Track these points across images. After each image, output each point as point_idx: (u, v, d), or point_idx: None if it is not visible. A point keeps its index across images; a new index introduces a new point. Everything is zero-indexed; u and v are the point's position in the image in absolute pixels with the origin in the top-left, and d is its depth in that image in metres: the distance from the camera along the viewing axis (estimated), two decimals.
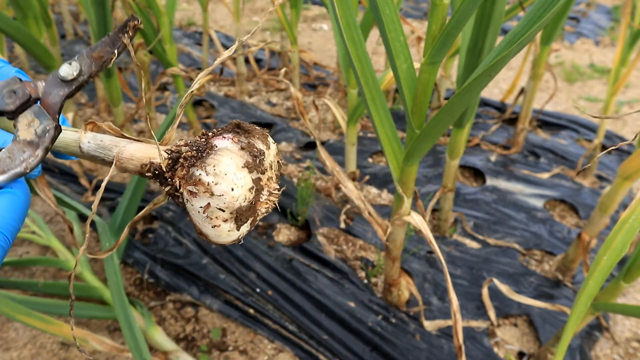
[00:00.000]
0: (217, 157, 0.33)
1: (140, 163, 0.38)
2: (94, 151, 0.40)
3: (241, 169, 0.34)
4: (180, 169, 0.35)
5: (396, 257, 0.91)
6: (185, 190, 0.33)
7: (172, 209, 1.25)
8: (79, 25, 2.89)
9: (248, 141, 0.35)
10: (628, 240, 0.55)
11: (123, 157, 0.39)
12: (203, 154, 0.34)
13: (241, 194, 0.33)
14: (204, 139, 0.35)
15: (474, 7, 0.53)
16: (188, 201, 0.34)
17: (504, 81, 2.42)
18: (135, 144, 0.40)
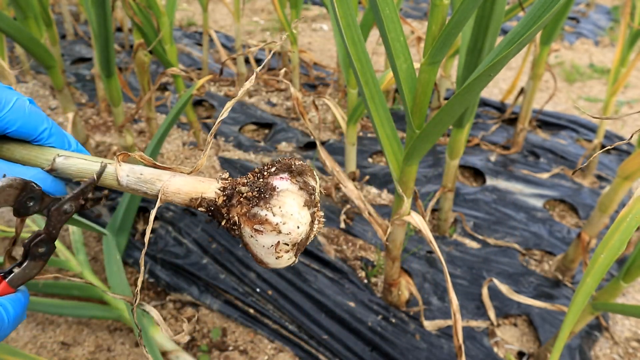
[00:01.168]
0: (281, 199, 0.37)
1: (189, 197, 0.41)
2: (135, 184, 0.43)
3: (302, 207, 0.37)
4: (239, 207, 0.38)
5: (396, 257, 0.91)
6: (250, 228, 0.37)
7: (173, 209, 1.25)
8: (80, 25, 2.89)
9: (304, 180, 0.39)
10: (625, 238, 0.55)
11: (169, 191, 0.42)
12: (265, 195, 0.37)
13: (304, 230, 0.37)
14: (260, 178, 0.38)
15: (473, 7, 0.53)
16: (252, 237, 0.37)
17: (504, 81, 2.42)
18: (180, 177, 0.43)
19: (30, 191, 0.41)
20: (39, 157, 0.46)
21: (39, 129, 0.46)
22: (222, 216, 0.39)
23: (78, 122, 1.37)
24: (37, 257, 0.42)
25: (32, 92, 2.00)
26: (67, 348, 0.95)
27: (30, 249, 0.42)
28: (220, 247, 1.13)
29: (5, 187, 0.39)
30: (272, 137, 1.75)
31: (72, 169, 0.45)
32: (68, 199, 0.43)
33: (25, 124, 0.45)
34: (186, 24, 3.16)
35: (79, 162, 0.45)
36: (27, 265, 0.42)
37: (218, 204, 0.39)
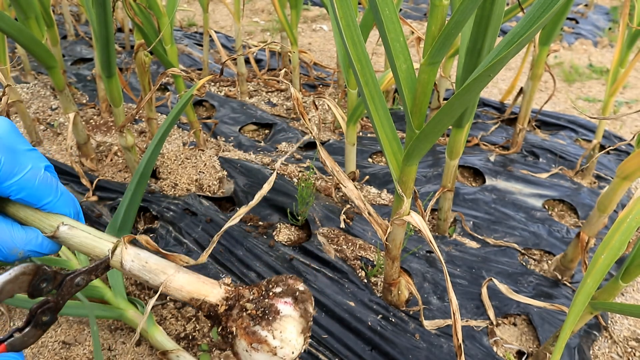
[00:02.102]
0: (283, 324, 0.39)
1: (190, 297, 0.43)
2: (138, 271, 0.45)
3: (300, 334, 0.40)
4: (240, 320, 0.40)
5: (396, 257, 0.92)
6: (247, 343, 0.39)
7: (173, 209, 1.26)
8: (80, 26, 2.90)
9: (305, 308, 0.41)
10: (626, 239, 0.56)
11: (172, 286, 0.45)
12: (269, 317, 0.39)
13: (297, 355, 0.40)
14: (266, 298, 0.40)
15: (473, 7, 0.54)
16: (247, 351, 0.39)
17: (503, 81, 2.42)
18: (184, 274, 0.45)
19: (42, 274, 0.41)
20: (43, 221, 0.47)
21: (43, 201, 0.46)
22: (219, 323, 0.41)
23: (79, 122, 1.37)
24: (39, 326, 0.42)
25: (33, 92, 2.00)
26: (67, 347, 0.95)
27: (36, 316, 0.42)
28: (221, 247, 1.14)
29: (19, 276, 0.40)
30: (272, 137, 1.75)
31: (74, 240, 0.46)
32: (80, 273, 0.44)
33: (30, 195, 0.45)
34: (187, 25, 3.16)
35: (82, 235, 0.46)
36: (27, 332, 0.42)
37: (219, 312, 0.41)
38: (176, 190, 1.37)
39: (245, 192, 1.33)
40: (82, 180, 1.34)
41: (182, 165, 1.47)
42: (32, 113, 1.84)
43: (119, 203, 1.10)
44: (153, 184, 1.39)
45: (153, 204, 1.27)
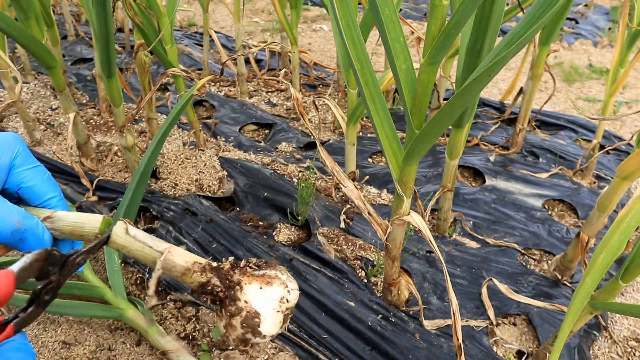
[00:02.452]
0: (282, 269, 0.45)
1: (193, 261, 0.47)
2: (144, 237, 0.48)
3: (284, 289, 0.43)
4: (246, 269, 0.44)
5: (396, 257, 0.92)
6: (258, 283, 0.43)
7: (173, 209, 1.26)
8: (81, 26, 2.90)
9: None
10: (625, 238, 0.56)
11: (175, 252, 0.47)
12: (269, 267, 0.44)
13: (297, 294, 0.44)
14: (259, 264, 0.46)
15: (473, 7, 0.54)
16: (261, 289, 0.42)
17: (503, 81, 2.42)
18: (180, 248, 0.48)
19: (52, 258, 0.44)
20: (41, 211, 0.51)
21: (47, 195, 0.51)
22: (225, 278, 0.44)
23: (79, 122, 1.37)
24: (41, 305, 0.44)
25: (33, 93, 2.01)
26: (68, 347, 0.95)
27: (40, 296, 0.43)
28: (221, 247, 1.14)
29: (33, 263, 0.42)
30: (272, 137, 1.76)
31: (68, 219, 0.49)
32: (82, 253, 0.46)
33: (38, 185, 0.50)
34: (187, 25, 3.16)
35: (74, 215, 0.50)
36: (31, 311, 0.43)
37: (224, 269, 0.45)
38: (176, 190, 1.37)
39: (245, 192, 1.34)
40: (82, 180, 1.34)
41: (182, 165, 1.47)
42: (32, 113, 1.85)
43: (119, 203, 1.10)
44: (153, 184, 1.39)
45: (153, 204, 1.27)
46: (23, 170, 0.50)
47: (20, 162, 0.50)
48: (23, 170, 0.50)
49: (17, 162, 0.50)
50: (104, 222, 0.48)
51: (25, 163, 0.50)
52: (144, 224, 1.27)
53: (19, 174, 0.50)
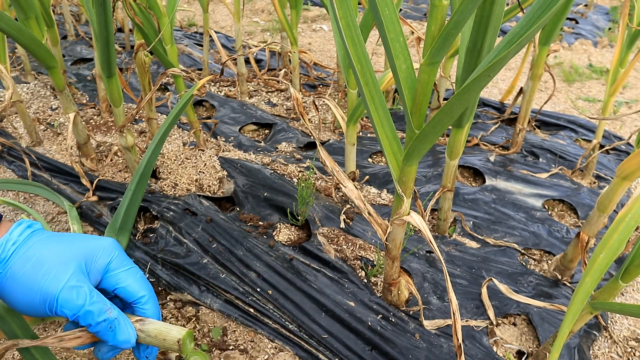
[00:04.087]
0: None
1: None
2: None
3: None
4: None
5: (396, 257, 0.92)
6: None
7: (173, 209, 1.26)
8: (81, 26, 2.90)
9: None
10: (624, 238, 0.56)
11: None
12: None
13: None
14: None
15: (473, 7, 0.54)
16: None
17: (503, 81, 2.42)
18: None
19: None
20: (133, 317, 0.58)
21: (139, 294, 0.57)
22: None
23: (79, 122, 1.37)
24: None
25: (33, 92, 2.01)
26: (68, 347, 0.95)
27: None
28: (221, 247, 1.14)
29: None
30: (272, 137, 1.76)
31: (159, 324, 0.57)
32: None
33: (131, 285, 0.57)
34: (187, 25, 3.16)
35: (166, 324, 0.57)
36: None
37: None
38: (176, 190, 1.37)
39: (245, 192, 1.34)
40: (82, 180, 1.34)
41: (182, 165, 1.47)
42: (32, 113, 1.85)
43: (119, 203, 1.10)
44: (153, 184, 1.39)
45: (153, 204, 1.28)
46: (118, 272, 0.56)
47: (116, 266, 0.56)
48: (118, 273, 0.56)
49: (112, 265, 0.56)
50: (187, 333, 0.54)
51: (120, 266, 0.57)
52: (144, 224, 1.27)
53: (115, 275, 0.56)
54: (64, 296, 0.50)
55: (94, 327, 0.52)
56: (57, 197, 1.27)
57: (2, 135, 1.67)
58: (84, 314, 0.51)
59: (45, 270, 0.51)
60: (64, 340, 0.53)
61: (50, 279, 0.51)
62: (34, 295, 0.51)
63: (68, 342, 0.54)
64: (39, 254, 0.53)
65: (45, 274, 0.51)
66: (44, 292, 0.51)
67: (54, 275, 0.51)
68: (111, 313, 0.53)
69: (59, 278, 0.51)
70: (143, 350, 0.60)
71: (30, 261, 0.52)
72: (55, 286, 0.51)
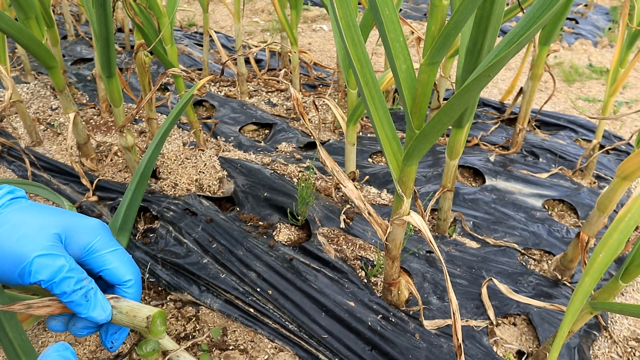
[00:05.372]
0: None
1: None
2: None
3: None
4: None
5: (396, 257, 0.92)
6: None
7: (173, 209, 1.26)
8: (81, 26, 2.90)
9: None
10: (624, 238, 0.56)
11: None
12: None
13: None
14: None
15: (473, 7, 0.54)
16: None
17: (503, 81, 2.42)
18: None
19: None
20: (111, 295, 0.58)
21: (126, 277, 0.56)
22: None
23: (79, 122, 1.37)
24: None
25: (33, 92, 2.01)
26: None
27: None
28: (221, 247, 1.14)
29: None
30: (272, 137, 1.76)
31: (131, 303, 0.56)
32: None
33: (119, 267, 0.55)
34: (187, 25, 3.16)
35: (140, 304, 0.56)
36: None
37: None
38: (176, 190, 1.37)
39: (245, 192, 1.34)
40: (82, 180, 1.34)
41: (182, 165, 1.47)
42: (32, 113, 1.85)
43: (119, 203, 1.10)
44: (153, 184, 1.39)
45: (153, 204, 1.28)
46: (104, 253, 0.54)
47: (101, 246, 0.54)
48: (104, 254, 0.54)
49: (97, 245, 0.54)
50: (158, 312, 0.54)
51: (106, 247, 0.55)
52: (144, 224, 1.27)
53: (101, 257, 0.54)
54: (39, 261, 0.47)
55: (68, 295, 0.49)
56: (57, 197, 1.27)
57: (2, 135, 1.67)
58: (60, 280, 0.48)
59: (21, 234, 0.48)
60: (32, 308, 0.50)
61: (26, 243, 0.48)
62: (5, 260, 0.48)
63: (36, 309, 0.50)
64: (17, 218, 0.50)
65: (20, 237, 0.48)
66: (18, 255, 0.47)
67: (30, 239, 0.48)
68: (87, 282, 0.51)
69: (36, 242, 0.48)
70: (111, 334, 0.57)
71: (6, 225, 0.49)
72: (30, 249, 0.48)
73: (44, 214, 0.53)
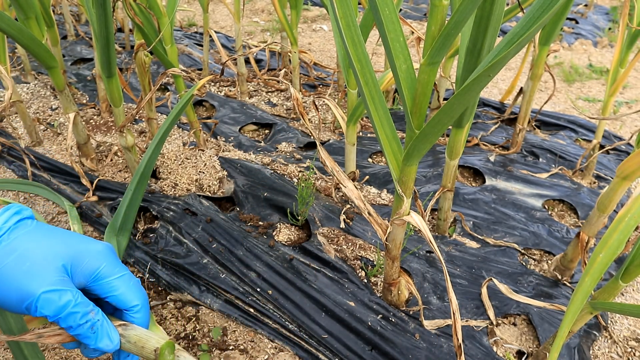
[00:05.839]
0: None
1: None
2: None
3: None
4: None
5: (396, 257, 0.92)
6: None
7: (173, 209, 1.26)
8: (81, 26, 2.90)
9: None
10: (624, 238, 0.56)
11: None
12: None
13: None
14: None
15: (473, 7, 0.54)
16: None
17: (503, 81, 2.42)
18: None
19: None
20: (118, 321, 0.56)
21: (133, 302, 0.55)
22: None
23: (79, 122, 1.37)
24: None
25: (33, 92, 2.01)
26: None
27: None
28: (221, 247, 1.14)
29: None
30: (272, 137, 1.76)
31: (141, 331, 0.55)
32: None
33: (124, 294, 0.55)
34: (187, 25, 3.16)
35: (149, 332, 0.55)
36: None
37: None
38: (176, 190, 1.37)
39: (245, 192, 1.34)
40: (82, 180, 1.34)
41: (182, 165, 1.47)
42: (32, 113, 1.85)
43: (119, 203, 1.10)
44: (153, 184, 1.39)
45: (153, 204, 1.28)
46: (111, 280, 0.54)
47: (108, 273, 0.54)
48: (111, 280, 0.54)
49: (104, 272, 0.54)
50: (166, 343, 0.53)
51: (112, 273, 0.54)
52: (144, 224, 1.27)
53: (108, 283, 0.54)
54: (45, 297, 0.49)
55: (75, 329, 0.51)
56: (57, 197, 1.27)
57: (2, 135, 1.67)
58: (66, 315, 0.49)
59: (27, 268, 0.49)
60: (43, 337, 0.51)
61: (32, 278, 0.49)
62: (11, 292, 0.49)
63: (47, 338, 0.51)
64: (23, 247, 0.50)
65: (27, 271, 0.49)
66: (25, 291, 0.49)
67: (36, 275, 0.49)
68: (93, 314, 0.51)
69: (43, 277, 0.49)
70: (123, 358, 0.58)
71: (13, 255, 0.50)
72: (37, 286, 0.49)
73: (51, 240, 0.53)
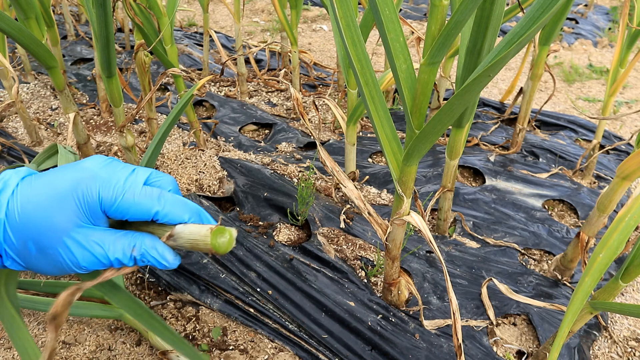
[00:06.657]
0: None
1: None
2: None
3: None
4: None
5: (396, 257, 0.92)
6: None
7: None
8: (81, 26, 2.90)
9: None
10: (624, 238, 0.56)
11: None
12: None
13: None
14: None
15: (473, 7, 0.54)
16: None
17: (503, 81, 2.42)
18: None
19: None
20: (164, 231, 0.51)
21: (150, 213, 0.50)
22: None
23: (79, 122, 1.37)
24: None
25: (33, 93, 2.01)
26: (68, 347, 0.95)
27: None
28: None
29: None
30: (273, 137, 1.76)
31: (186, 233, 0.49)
32: None
33: (137, 212, 0.50)
34: (187, 25, 3.16)
35: (193, 228, 0.49)
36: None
37: None
38: None
39: (245, 192, 1.34)
40: None
41: (182, 165, 1.47)
42: (32, 113, 1.85)
43: None
44: None
45: None
46: (114, 209, 0.50)
47: (108, 204, 0.50)
48: (115, 209, 0.50)
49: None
50: (214, 232, 0.48)
51: (113, 203, 0.50)
52: None
53: (115, 212, 0.50)
54: (83, 261, 0.50)
55: (127, 265, 0.50)
56: None
57: (2, 135, 1.67)
58: (110, 263, 0.50)
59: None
60: (120, 270, 0.51)
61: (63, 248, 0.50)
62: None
63: (122, 270, 0.51)
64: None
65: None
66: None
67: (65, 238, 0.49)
68: (134, 251, 0.50)
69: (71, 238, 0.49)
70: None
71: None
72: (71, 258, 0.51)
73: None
